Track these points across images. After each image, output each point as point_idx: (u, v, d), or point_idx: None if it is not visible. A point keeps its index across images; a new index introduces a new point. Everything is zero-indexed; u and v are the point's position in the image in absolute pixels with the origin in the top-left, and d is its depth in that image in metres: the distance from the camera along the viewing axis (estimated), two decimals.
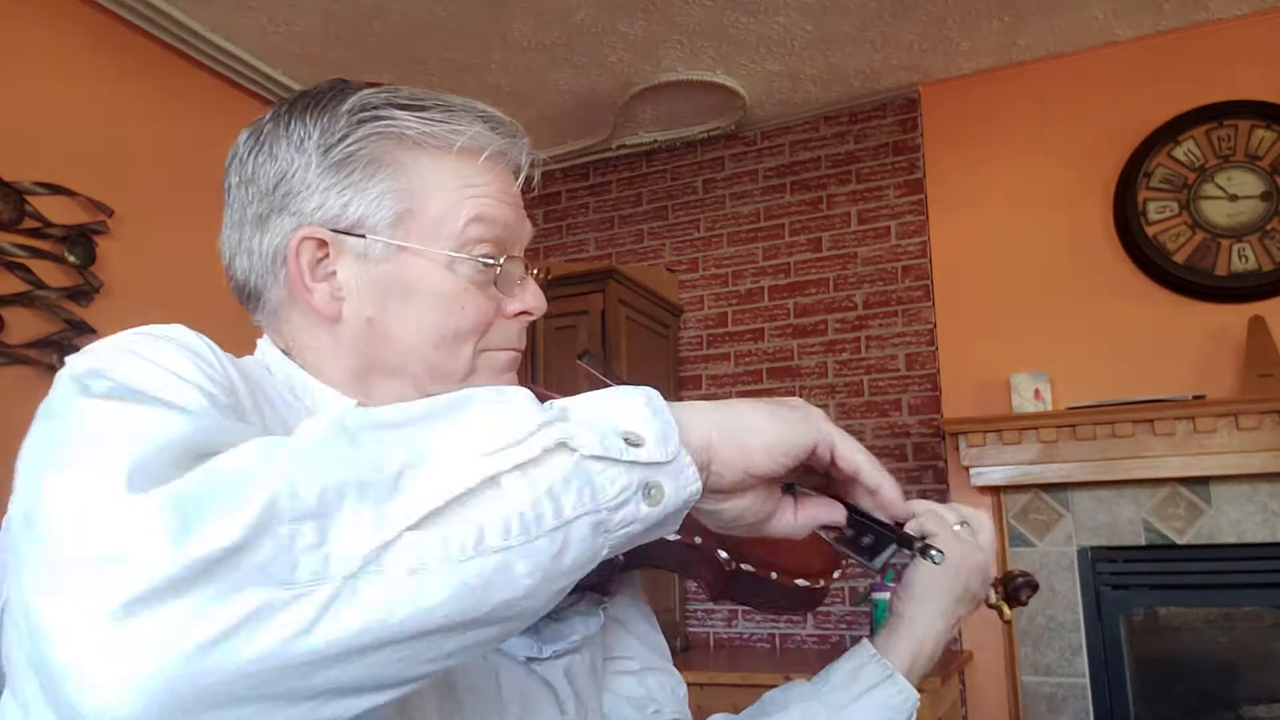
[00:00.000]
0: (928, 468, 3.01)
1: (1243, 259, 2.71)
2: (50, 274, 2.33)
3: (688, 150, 3.58)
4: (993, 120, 3.11)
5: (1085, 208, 2.94)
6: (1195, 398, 2.59)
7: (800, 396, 3.34)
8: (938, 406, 3.02)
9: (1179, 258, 2.77)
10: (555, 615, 0.73)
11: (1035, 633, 2.77)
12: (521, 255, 0.74)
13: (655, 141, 3.53)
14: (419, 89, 0.71)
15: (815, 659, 2.82)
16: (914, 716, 0.79)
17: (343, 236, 0.67)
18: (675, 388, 3.40)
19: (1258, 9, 2.81)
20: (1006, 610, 0.89)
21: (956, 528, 0.81)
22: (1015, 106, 3.08)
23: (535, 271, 0.75)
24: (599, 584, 0.71)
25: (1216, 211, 2.77)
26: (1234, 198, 2.76)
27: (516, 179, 0.74)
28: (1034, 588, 0.89)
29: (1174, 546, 2.67)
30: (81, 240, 2.39)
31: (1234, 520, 2.62)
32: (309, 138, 0.68)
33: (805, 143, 3.39)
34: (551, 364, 3.10)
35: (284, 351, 0.71)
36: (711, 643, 3.23)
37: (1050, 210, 2.98)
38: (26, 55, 2.37)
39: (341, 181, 0.67)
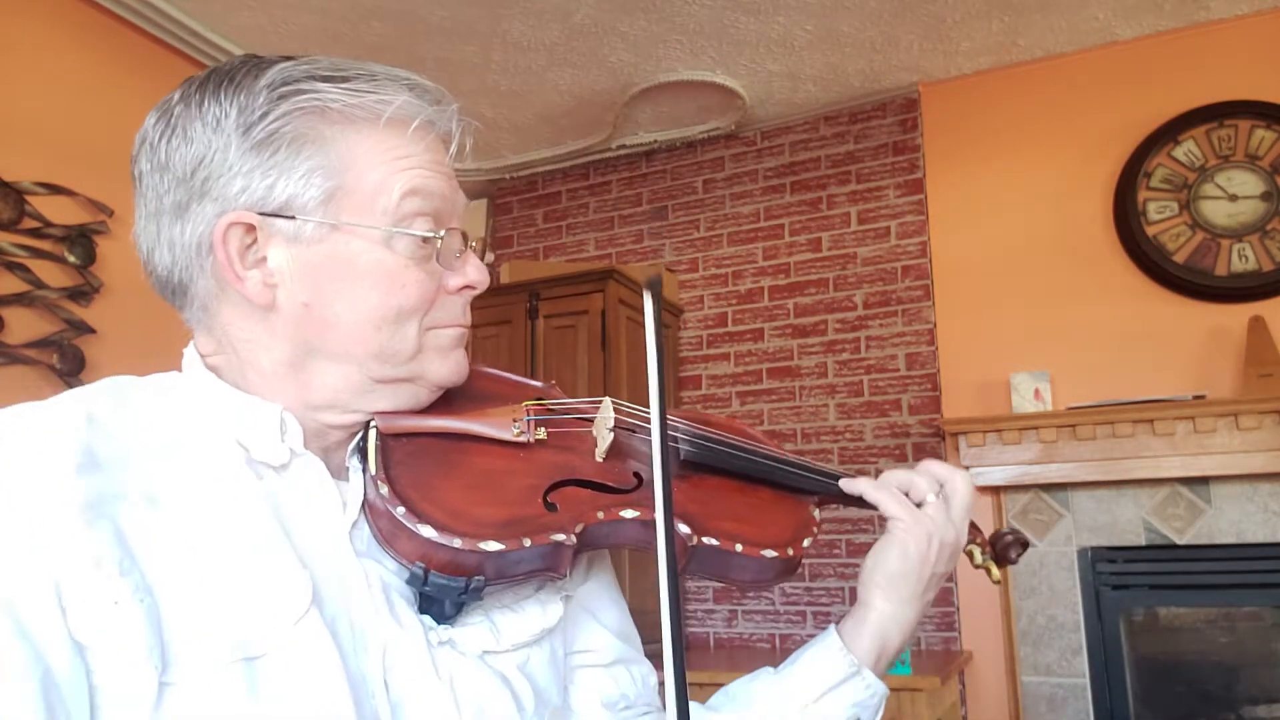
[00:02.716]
0: None
1: (1243, 259, 2.71)
2: (50, 274, 2.33)
3: (688, 150, 3.58)
4: (993, 120, 3.11)
5: (1085, 207, 2.94)
6: (1195, 398, 2.59)
7: (800, 396, 3.33)
8: (938, 406, 3.02)
9: (1179, 258, 2.77)
10: (512, 607, 0.70)
11: (1035, 633, 2.77)
12: (459, 227, 0.71)
13: (655, 141, 3.53)
14: (341, 59, 0.68)
15: None
16: (882, 708, 0.77)
17: (271, 219, 0.64)
18: (675, 388, 3.40)
19: (1258, 9, 2.81)
20: (995, 570, 0.84)
21: (931, 498, 0.78)
22: (1015, 106, 3.08)
23: (474, 244, 0.72)
24: (552, 567, 0.66)
25: (1216, 211, 2.77)
26: (1234, 198, 2.76)
27: (448, 148, 0.71)
28: (1024, 545, 0.84)
29: (1174, 546, 2.67)
30: (81, 240, 2.39)
31: (1234, 520, 2.62)
32: (226, 117, 0.64)
33: (805, 143, 3.39)
34: (551, 364, 3.10)
35: (213, 352, 0.68)
36: (711, 643, 3.22)
37: (1050, 210, 2.98)
38: (26, 55, 2.37)
39: (265, 162, 0.64)
